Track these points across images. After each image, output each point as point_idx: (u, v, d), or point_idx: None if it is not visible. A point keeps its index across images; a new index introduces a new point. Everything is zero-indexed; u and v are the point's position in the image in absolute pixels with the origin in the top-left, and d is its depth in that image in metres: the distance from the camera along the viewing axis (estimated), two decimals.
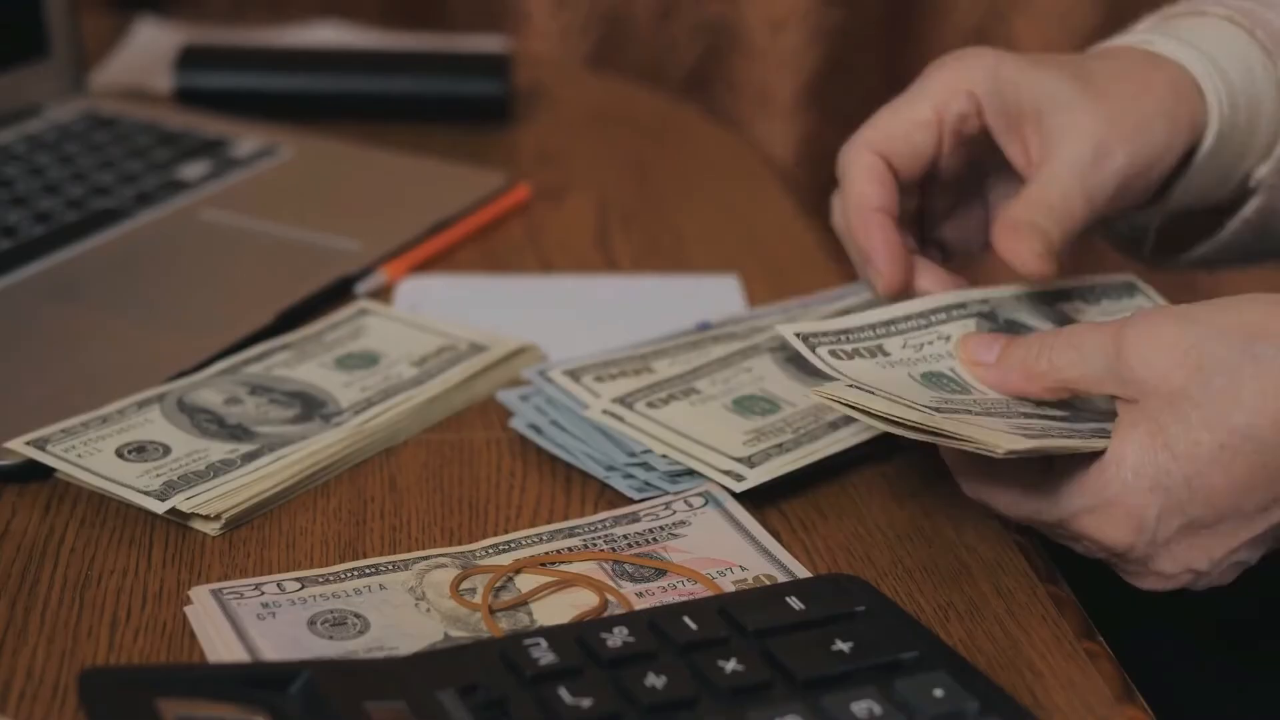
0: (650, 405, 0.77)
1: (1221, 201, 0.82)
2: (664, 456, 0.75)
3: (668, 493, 0.74)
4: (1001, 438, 0.64)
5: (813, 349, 0.71)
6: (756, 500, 0.74)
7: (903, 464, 0.78)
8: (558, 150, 1.17)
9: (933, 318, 0.74)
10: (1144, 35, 0.80)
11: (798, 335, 0.72)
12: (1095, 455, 0.65)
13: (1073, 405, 0.70)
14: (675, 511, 0.73)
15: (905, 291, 0.77)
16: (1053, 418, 0.68)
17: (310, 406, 0.79)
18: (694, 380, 0.79)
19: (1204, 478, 0.63)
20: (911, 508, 0.75)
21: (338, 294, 0.92)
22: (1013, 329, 0.75)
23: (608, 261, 1.00)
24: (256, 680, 0.58)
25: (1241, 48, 0.79)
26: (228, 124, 1.12)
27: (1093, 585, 0.77)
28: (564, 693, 0.58)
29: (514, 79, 1.22)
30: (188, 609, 0.66)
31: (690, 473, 0.74)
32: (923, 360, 0.73)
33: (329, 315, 0.87)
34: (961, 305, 0.74)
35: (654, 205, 1.08)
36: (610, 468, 0.75)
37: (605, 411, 0.76)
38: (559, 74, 1.35)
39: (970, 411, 0.68)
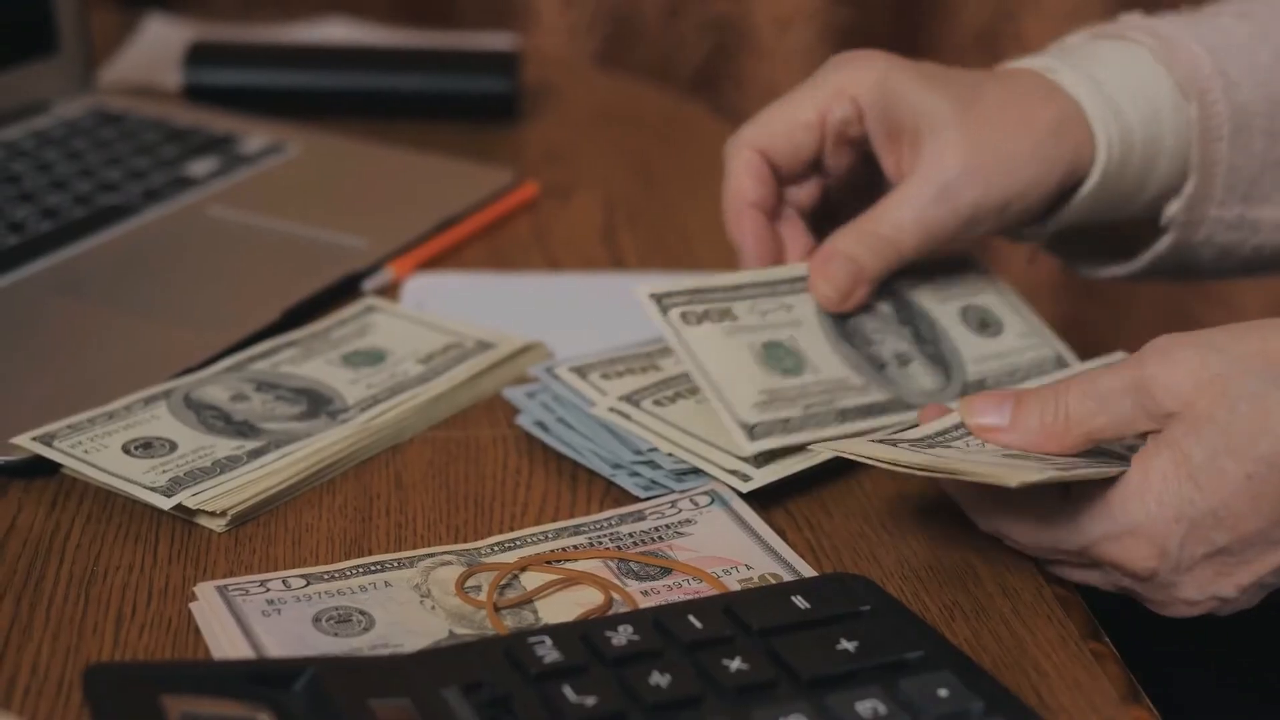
0: (657, 403, 0.77)
1: (1125, 226, 0.83)
2: (670, 455, 0.74)
3: (674, 491, 0.74)
4: (1012, 471, 0.64)
5: (664, 311, 0.75)
6: (762, 499, 0.74)
7: None
8: (565, 148, 1.17)
9: (780, 288, 0.78)
10: (1055, 61, 0.81)
11: (651, 295, 0.75)
12: (1113, 481, 0.65)
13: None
14: (681, 510, 0.73)
15: None
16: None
17: (316, 403, 0.79)
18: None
19: (1229, 508, 0.62)
20: (916, 506, 0.75)
21: (344, 291, 0.92)
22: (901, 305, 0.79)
23: (614, 259, 1.00)
24: (261, 677, 0.58)
25: (1153, 85, 0.80)
26: (236, 121, 1.12)
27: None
28: (568, 691, 0.58)
29: (522, 77, 1.22)
30: (193, 605, 0.66)
31: (696, 471, 0.74)
32: (766, 328, 0.76)
33: (336, 312, 0.87)
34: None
35: (660, 203, 1.08)
36: (616, 465, 0.75)
37: (612, 409, 0.76)
38: (567, 72, 1.35)
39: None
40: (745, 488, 0.73)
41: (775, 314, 0.78)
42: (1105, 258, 0.86)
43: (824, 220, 0.84)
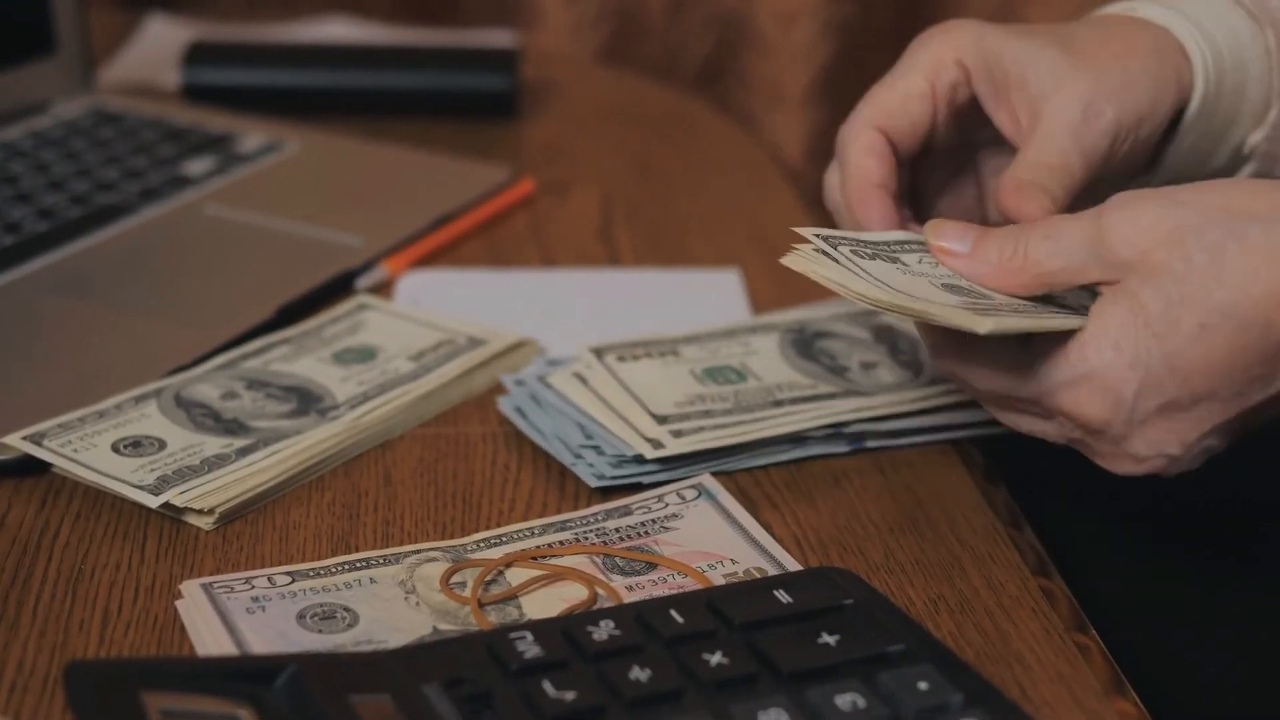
0: (620, 359, 0.77)
1: (1217, 171, 0.82)
2: (583, 426, 0.76)
3: (618, 478, 0.74)
4: (982, 318, 0.64)
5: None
6: (749, 493, 0.74)
7: (899, 457, 0.78)
8: (564, 145, 1.17)
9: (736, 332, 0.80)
10: (1129, 3, 0.80)
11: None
12: (1073, 333, 0.65)
13: (1048, 296, 0.69)
14: (668, 504, 0.73)
15: None
16: (1028, 303, 0.68)
17: (306, 401, 0.79)
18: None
19: (1183, 356, 0.62)
20: (904, 500, 0.75)
21: (339, 289, 0.92)
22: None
23: (610, 256, 1.00)
24: (242, 674, 0.58)
25: (1227, 14, 0.80)
26: (234, 120, 1.12)
27: (1090, 579, 0.76)
28: (548, 686, 0.58)
29: (522, 74, 1.22)
30: (179, 603, 0.66)
31: (638, 459, 0.74)
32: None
33: (328, 310, 0.87)
34: None
35: (658, 199, 1.08)
36: (577, 455, 0.75)
37: (575, 374, 0.78)
38: (569, 69, 1.35)
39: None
40: (653, 454, 0.73)
41: (728, 349, 0.81)
42: None
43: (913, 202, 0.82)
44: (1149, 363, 0.63)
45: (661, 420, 0.75)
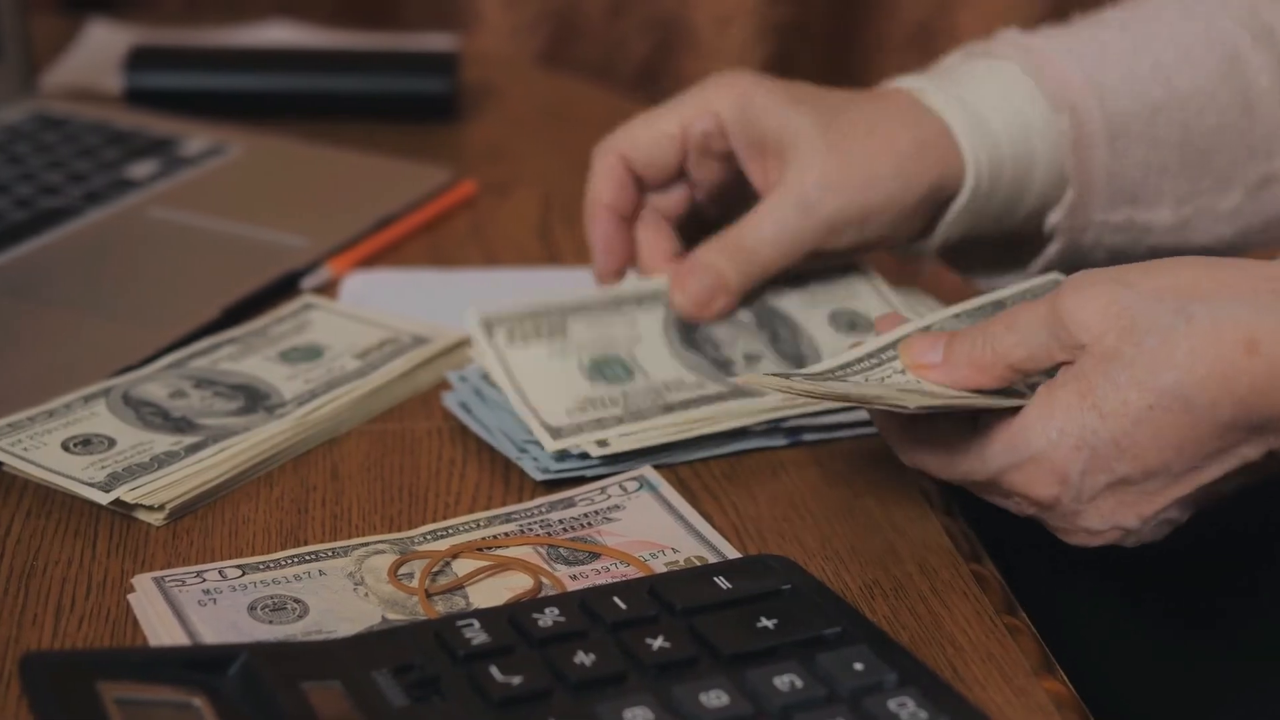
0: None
1: (1014, 236, 0.86)
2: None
3: (561, 472, 0.76)
4: (911, 396, 0.66)
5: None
6: (689, 484, 0.76)
7: (836, 448, 0.80)
8: (504, 146, 1.18)
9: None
10: (926, 82, 0.84)
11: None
12: (1018, 411, 0.66)
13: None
14: (610, 496, 0.74)
15: (618, 278, 0.87)
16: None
17: (254, 399, 0.80)
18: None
19: (1132, 437, 0.63)
20: (841, 490, 0.77)
21: (284, 289, 0.93)
22: None
23: (550, 255, 1.02)
24: (195, 663, 0.60)
25: (1022, 100, 0.83)
26: (177, 123, 1.13)
27: (1026, 561, 0.79)
28: (495, 671, 0.59)
29: (462, 77, 1.23)
30: (131, 597, 0.67)
31: (584, 456, 0.76)
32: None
33: (274, 310, 0.89)
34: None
35: None
36: (521, 450, 0.77)
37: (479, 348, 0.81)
38: (508, 71, 1.36)
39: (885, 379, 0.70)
40: (551, 446, 0.75)
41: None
42: (999, 267, 0.89)
43: (700, 230, 0.87)
44: (1095, 444, 0.64)
45: (556, 434, 0.76)
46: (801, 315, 0.84)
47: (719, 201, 0.87)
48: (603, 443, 0.76)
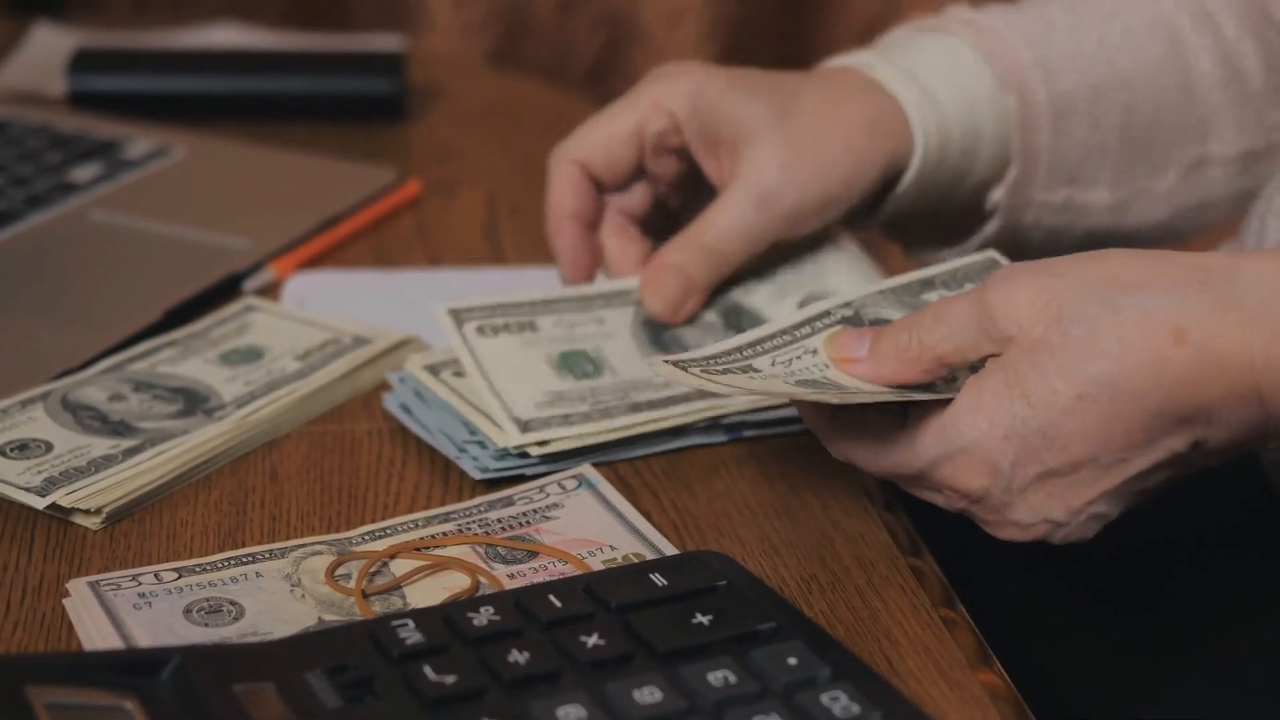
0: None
1: (956, 212, 0.86)
2: (466, 422, 0.77)
3: (501, 470, 0.76)
4: (829, 393, 0.66)
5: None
6: (629, 481, 0.76)
7: (777, 444, 0.80)
8: (451, 146, 1.18)
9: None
10: (874, 57, 0.84)
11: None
12: (948, 403, 0.66)
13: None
14: (549, 494, 0.74)
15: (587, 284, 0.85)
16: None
17: (193, 402, 0.80)
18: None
19: (1060, 427, 0.63)
20: (780, 486, 0.77)
21: (226, 291, 0.93)
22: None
23: (495, 254, 1.01)
24: (127, 666, 0.59)
25: (970, 77, 0.84)
26: (121, 126, 1.13)
27: (969, 555, 0.79)
28: (429, 670, 0.59)
29: (409, 77, 1.23)
30: (66, 601, 0.67)
31: (523, 455, 0.76)
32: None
33: (215, 312, 0.89)
34: (826, 313, 0.73)
35: (542, 198, 1.09)
36: (461, 449, 0.77)
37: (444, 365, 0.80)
38: (456, 70, 1.36)
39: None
40: (512, 442, 0.75)
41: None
42: (939, 242, 0.89)
43: (666, 225, 0.86)
44: (1024, 434, 0.64)
45: (525, 427, 0.76)
46: (770, 309, 0.84)
47: (681, 192, 0.86)
48: (543, 442, 0.76)
